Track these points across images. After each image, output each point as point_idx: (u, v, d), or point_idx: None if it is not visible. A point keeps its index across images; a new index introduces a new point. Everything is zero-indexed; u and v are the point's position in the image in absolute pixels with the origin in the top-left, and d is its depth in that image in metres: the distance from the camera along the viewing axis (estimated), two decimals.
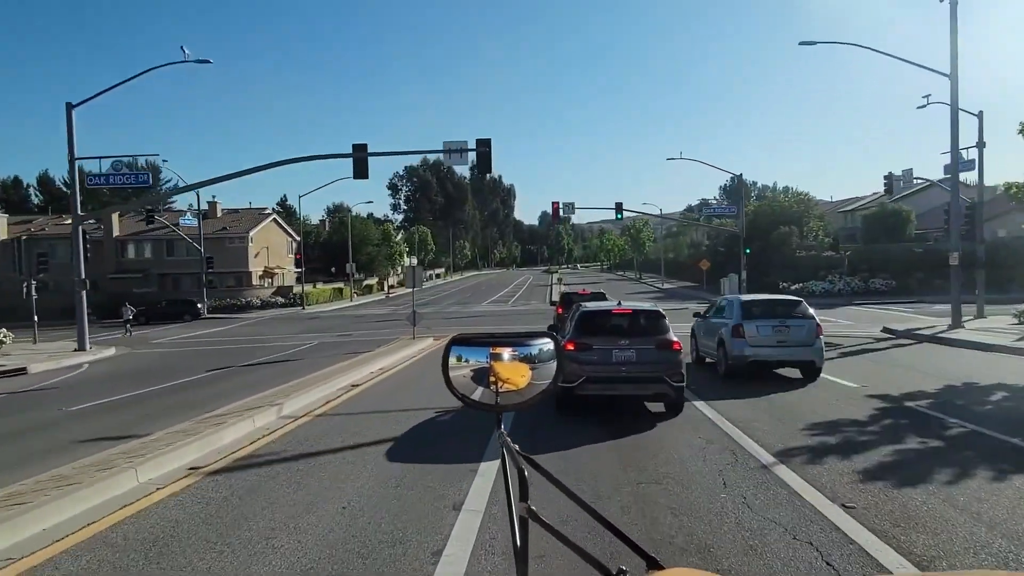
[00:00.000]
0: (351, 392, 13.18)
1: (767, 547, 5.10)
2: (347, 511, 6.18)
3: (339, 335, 29.53)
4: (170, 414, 11.54)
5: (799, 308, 14.44)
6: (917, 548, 5.04)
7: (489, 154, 25.01)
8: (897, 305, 37.41)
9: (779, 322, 13.83)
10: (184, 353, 25.55)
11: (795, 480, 6.82)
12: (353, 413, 11.14)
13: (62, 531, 5.69)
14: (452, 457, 8.06)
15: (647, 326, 10.45)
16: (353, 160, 25.38)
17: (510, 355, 1.52)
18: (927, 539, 5.22)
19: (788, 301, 15.39)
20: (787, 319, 13.94)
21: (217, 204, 63.61)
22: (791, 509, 5.95)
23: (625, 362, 9.93)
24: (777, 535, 5.33)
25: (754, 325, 13.73)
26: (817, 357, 13.64)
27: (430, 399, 12.17)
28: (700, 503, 6.19)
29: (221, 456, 8.17)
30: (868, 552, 4.96)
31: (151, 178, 25.03)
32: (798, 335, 13.67)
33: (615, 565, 1.15)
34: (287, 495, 6.75)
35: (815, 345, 13.59)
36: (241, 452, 8.51)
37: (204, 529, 5.79)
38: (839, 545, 5.11)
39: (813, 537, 5.26)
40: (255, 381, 15.72)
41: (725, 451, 8.10)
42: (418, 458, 8.19)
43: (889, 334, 23.88)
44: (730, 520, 5.72)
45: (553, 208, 47.17)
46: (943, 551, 4.99)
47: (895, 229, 50.64)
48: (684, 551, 5.09)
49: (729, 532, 5.45)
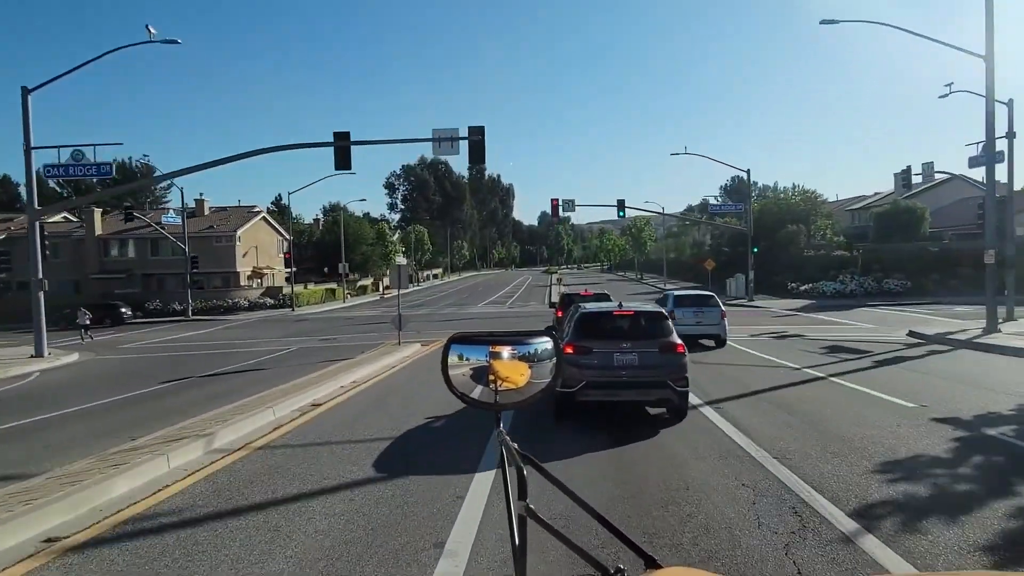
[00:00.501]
0: (309, 414, 10.98)
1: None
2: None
3: (322, 339, 27.44)
4: (83, 443, 9.47)
5: (712, 300, 20.99)
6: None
7: (482, 142, 22.94)
8: (914, 307, 35.31)
9: (697, 309, 20.27)
10: (150, 360, 23.46)
11: (901, 567, 4.73)
12: (303, 445, 9.00)
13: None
14: (418, 523, 5.93)
15: (649, 328, 10.03)
16: (334, 149, 23.31)
17: (509, 354, 1.52)
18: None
19: (705, 295, 21.90)
20: (703, 307, 20.39)
21: (205, 202, 61.51)
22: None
23: (627, 366, 9.52)
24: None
25: (681, 311, 19.43)
26: (721, 332, 20.10)
27: (400, 423, 10.12)
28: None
29: (103, 517, 6.03)
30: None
31: (113, 169, 22.87)
32: (710, 318, 20.13)
33: (613, 564, 1.17)
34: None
35: (720, 324, 20.08)
36: (129, 512, 6.29)
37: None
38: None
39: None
40: (207, 396, 13.66)
41: (784, 509, 6.00)
42: (373, 524, 5.97)
43: (918, 339, 21.83)
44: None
45: (553, 205, 45.11)
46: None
47: (908, 227, 48.49)
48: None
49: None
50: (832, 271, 46.62)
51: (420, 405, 11.61)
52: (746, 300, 43.71)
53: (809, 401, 11.27)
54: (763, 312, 35.16)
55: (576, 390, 9.39)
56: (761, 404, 11.08)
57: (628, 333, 9.92)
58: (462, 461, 7.73)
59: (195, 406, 12.21)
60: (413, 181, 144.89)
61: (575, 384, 9.35)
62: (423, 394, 12.67)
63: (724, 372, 15.02)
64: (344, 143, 23.14)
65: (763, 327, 26.52)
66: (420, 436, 9.36)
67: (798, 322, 28.86)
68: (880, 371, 14.98)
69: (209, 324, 40.90)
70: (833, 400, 11.31)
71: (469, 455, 7.93)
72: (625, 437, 8.92)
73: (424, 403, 11.83)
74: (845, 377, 13.97)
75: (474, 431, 9.22)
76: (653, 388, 9.56)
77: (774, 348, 19.83)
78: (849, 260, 48.05)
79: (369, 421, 10.41)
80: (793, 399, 11.48)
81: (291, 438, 9.38)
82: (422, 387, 13.78)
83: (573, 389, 9.37)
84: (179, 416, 10.95)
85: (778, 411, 10.50)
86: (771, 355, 18.15)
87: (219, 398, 13.00)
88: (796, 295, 44.99)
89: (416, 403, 11.73)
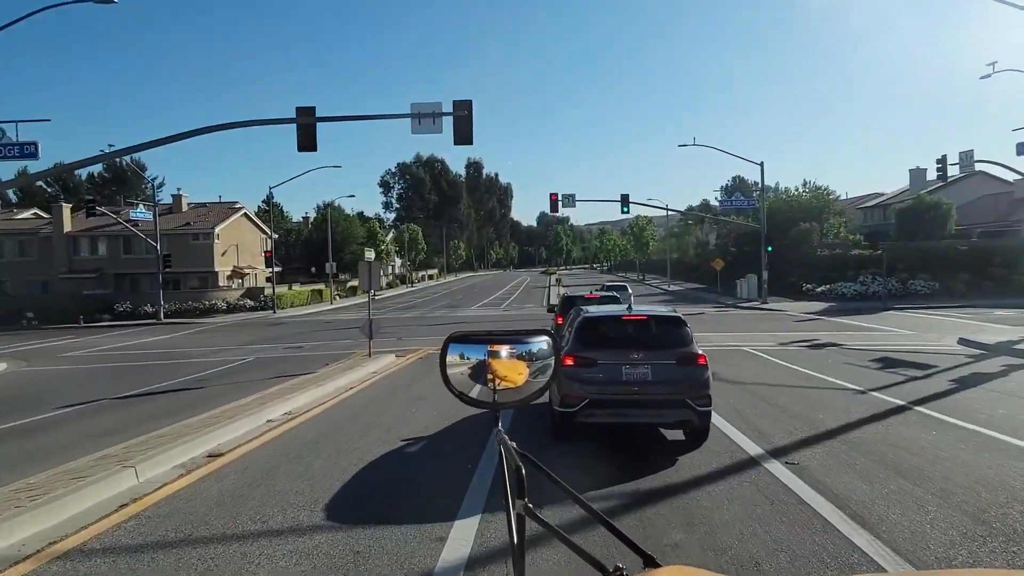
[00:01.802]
0: (192, 474, 7.39)
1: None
2: None
3: (287, 347, 24.10)
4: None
5: (625, 294, 21.28)
6: None
7: (470, 119, 19.65)
8: (945, 310, 32.07)
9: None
10: (82, 372, 20.15)
11: None
12: (143, 548, 5.56)
13: None
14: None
15: (665, 336, 8.51)
16: (297, 127, 20.03)
17: (508, 352, 1.53)
18: None
19: (618, 286, 24.67)
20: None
21: (183, 197, 58.08)
22: None
23: (639, 381, 7.99)
24: None
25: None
26: None
27: (321, 493, 6.81)
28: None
29: None
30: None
31: (38, 149, 19.56)
32: None
33: (612, 563, 1.16)
34: None
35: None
36: None
37: None
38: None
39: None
40: (87, 435, 10.33)
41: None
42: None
43: (977, 348, 18.62)
44: None
45: (551, 200, 41.82)
46: None
47: (934, 224, 45.20)
48: None
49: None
50: (850, 271, 43.31)
51: (364, 452, 8.35)
52: (759, 302, 40.50)
53: (914, 450, 7.98)
54: (782, 316, 31.92)
55: (577, 410, 7.93)
56: (851, 457, 7.71)
57: (639, 341, 8.40)
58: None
59: (58, 451, 8.93)
60: (409, 179, 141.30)
61: (576, 403, 7.92)
62: (374, 435, 9.40)
63: (769, 398, 11.75)
64: (309, 120, 19.86)
65: (789, 334, 23.28)
66: (350, 526, 6.01)
67: (824, 328, 25.61)
68: (969, 395, 11.73)
69: (179, 328, 37.60)
70: (946, 449, 8.02)
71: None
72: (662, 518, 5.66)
73: (371, 447, 8.58)
74: (931, 406, 10.73)
75: (439, 520, 5.98)
76: (670, 408, 7.95)
77: (815, 361, 16.58)
78: (867, 259, 44.71)
79: (274, 490, 7.01)
80: (886, 445, 8.20)
81: (133, 533, 5.85)
82: (375, 421, 10.50)
83: (573, 409, 7.94)
84: (27, 468, 7.68)
85: (882, 470, 7.16)
86: (815, 370, 14.94)
87: (103, 437, 9.71)
88: (812, 297, 41.74)
89: (358, 451, 8.46)
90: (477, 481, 6.99)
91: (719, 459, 7.72)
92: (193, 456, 7.93)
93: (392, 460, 8.23)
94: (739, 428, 9.11)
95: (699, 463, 7.60)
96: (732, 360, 16.47)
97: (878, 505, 6.06)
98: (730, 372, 14.18)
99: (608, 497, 6.40)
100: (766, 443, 8.35)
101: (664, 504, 6.24)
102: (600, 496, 6.36)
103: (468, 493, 6.61)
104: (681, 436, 8.41)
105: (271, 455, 8.37)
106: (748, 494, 6.42)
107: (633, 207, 48.66)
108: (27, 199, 74.08)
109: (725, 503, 6.17)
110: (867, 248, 48.73)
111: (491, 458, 7.56)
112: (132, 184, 76.61)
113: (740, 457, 7.79)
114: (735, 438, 8.61)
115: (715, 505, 6.14)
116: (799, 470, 7.17)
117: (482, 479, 7.03)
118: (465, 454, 8.03)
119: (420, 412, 11.01)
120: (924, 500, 6.19)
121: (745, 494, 6.43)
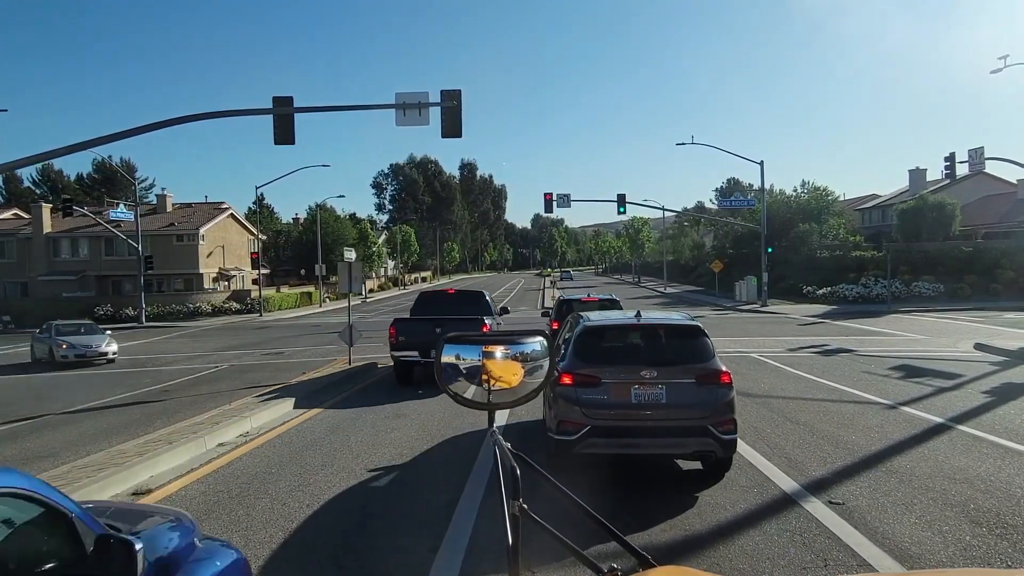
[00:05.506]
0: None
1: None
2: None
3: (266, 353, 22.74)
4: None
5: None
6: None
7: (458, 110, 18.36)
8: (952, 312, 30.96)
9: None
10: (42, 381, 18.75)
11: None
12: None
13: None
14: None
15: (681, 349, 7.23)
16: (273, 119, 18.66)
17: (502, 354, 1.53)
18: None
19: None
20: None
21: (168, 197, 56.54)
22: None
23: (651, 404, 6.70)
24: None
25: None
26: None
27: (277, 530, 5.48)
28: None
29: None
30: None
31: None
32: None
33: (607, 563, 1.16)
34: None
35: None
36: None
37: None
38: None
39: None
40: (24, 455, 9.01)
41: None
42: None
43: (998, 355, 17.43)
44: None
45: (546, 199, 40.56)
46: None
47: (937, 225, 44.06)
48: None
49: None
50: (851, 273, 42.17)
51: (322, 487, 6.99)
52: (759, 305, 39.31)
53: (978, 485, 6.69)
54: (784, 320, 30.71)
55: (576, 439, 6.67)
56: (906, 495, 6.37)
57: (651, 356, 7.17)
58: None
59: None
60: (402, 180, 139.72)
61: (575, 431, 6.68)
62: (337, 465, 8.05)
63: (791, 414, 10.47)
64: (285, 110, 18.52)
65: (796, 338, 22.05)
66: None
67: (831, 332, 24.39)
68: (1011, 411, 10.46)
69: (159, 332, 36.15)
70: (1020, 483, 6.75)
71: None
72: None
73: (331, 481, 7.22)
74: (974, 423, 9.48)
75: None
76: (688, 436, 6.63)
77: (829, 370, 15.33)
78: (868, 261, 43.61)
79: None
80: (944, 479, 6.89)
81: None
82: (343, 444, 9.16)
83: (572, 438, 6.70)
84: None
85: (948, 513, 5.85)
86: (833, 381, 13.70)
87: (26, 463, 8.37)
88: (813, 299, 40.54)
89: (313, 484, 7.12)
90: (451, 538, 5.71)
91: (747, 497, 6.44)
92: (115, 494, 6.58)
93: (357, 497, 6.92)
94: (764, 454, 7.83)
95: (723, 502, 6.32)
96: (741, 369, 15.20)
97: (960, 565, 4.79)
98: (741, 383, 12.89)
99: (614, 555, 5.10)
100: (799, 474, 7.07)
101: (688, 565, 4.95)
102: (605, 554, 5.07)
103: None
104: (696, 464, 7.14)
105: (210, 491, 7.00)
106: (792, 551, 5.11)
107: (629, 208, 47.43)
108: (13, 200, 72.45)
109: (767, 565, 4.86)
110: (868, 249, 47.65)
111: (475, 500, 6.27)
112: (122, 185, 75.04)
113: (772, 494, 6.50)
114: (762, 467, 7.33)
115: (754, 569, 4.83)
116: (847, 513, 5.89)
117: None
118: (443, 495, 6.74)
119: (397, 432, 9.69)
120: (1013, 557, 4.92)
121: (788, 550, 5.13)
